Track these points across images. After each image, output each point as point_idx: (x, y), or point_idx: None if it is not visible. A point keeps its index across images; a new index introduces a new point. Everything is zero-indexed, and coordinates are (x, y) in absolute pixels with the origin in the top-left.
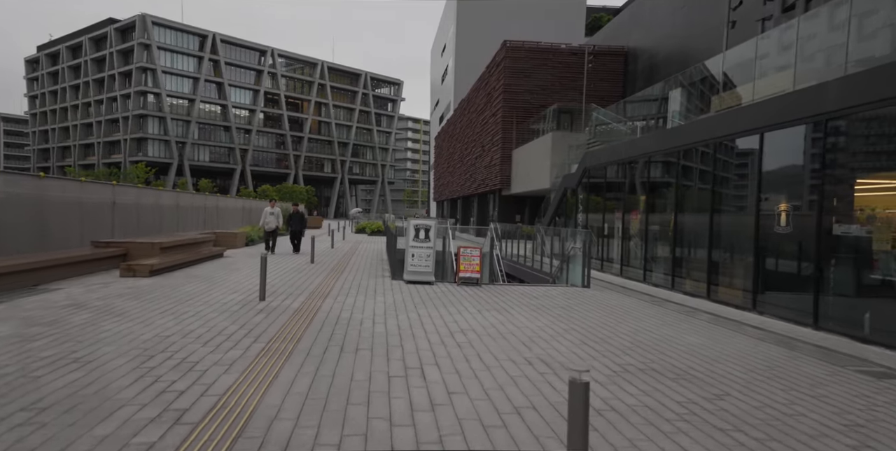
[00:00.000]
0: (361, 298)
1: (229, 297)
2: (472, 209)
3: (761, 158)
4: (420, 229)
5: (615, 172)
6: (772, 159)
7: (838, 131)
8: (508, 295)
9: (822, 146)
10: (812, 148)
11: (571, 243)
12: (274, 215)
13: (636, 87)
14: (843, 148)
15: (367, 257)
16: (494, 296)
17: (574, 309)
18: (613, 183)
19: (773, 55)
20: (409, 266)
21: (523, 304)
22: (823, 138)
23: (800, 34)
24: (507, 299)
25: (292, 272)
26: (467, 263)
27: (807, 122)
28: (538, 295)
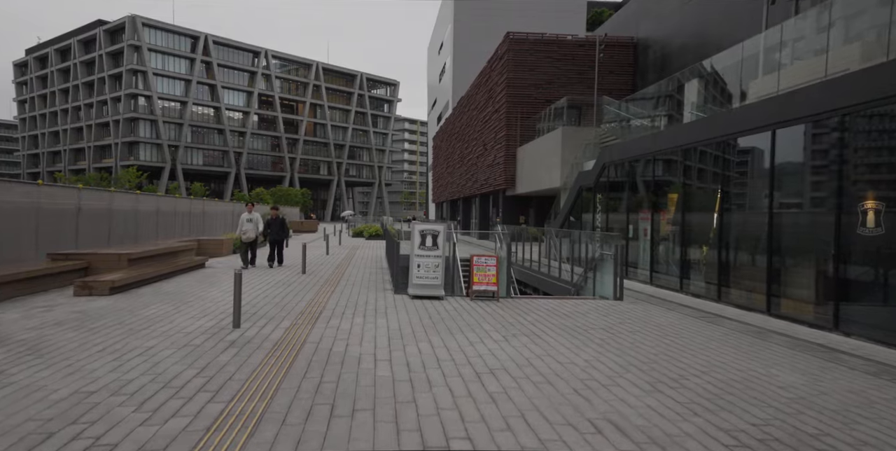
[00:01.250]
0: (359, 320)
1: (196, 323)
2: (472, 211)
3: (843, 144)
4: (427, 235)
5: (641, 167)
6: (859, 144)
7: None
8: (533, 313)
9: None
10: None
11: (598, 248)
12: (253, 222)
13: (647, 79)
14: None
15: (366, 266)
16: (517, 314)
17: (618, 332)
18: (639, 180)
19: (840, 27)
20: (414, 278)
21: (555, 325)
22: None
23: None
24: (533, 319)
25: (279, 287)
26: (482, 274)
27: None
28: (568, 312)
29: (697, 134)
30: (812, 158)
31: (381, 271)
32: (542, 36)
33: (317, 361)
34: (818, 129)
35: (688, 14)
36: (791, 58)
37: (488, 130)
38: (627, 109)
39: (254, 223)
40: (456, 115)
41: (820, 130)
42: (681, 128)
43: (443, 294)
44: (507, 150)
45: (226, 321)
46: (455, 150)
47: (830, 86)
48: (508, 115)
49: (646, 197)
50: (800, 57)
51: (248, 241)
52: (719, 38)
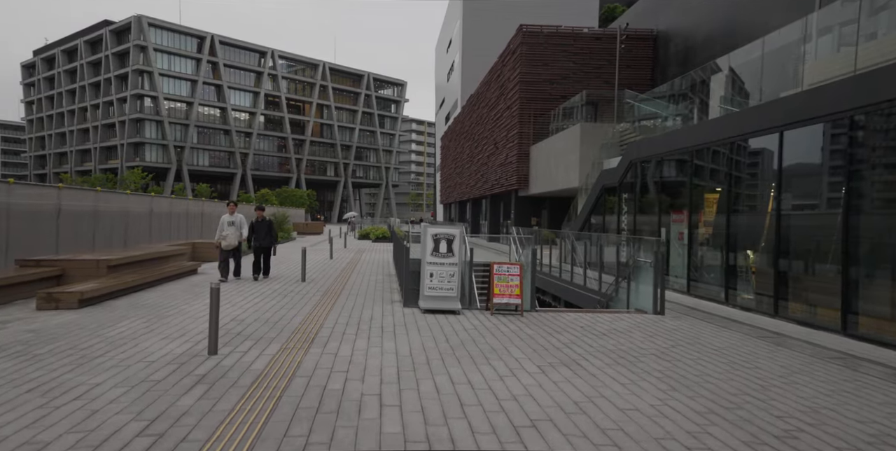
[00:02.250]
0: (362, 344)
1: (167, 347)
2: (482, 212)
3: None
4: (441, 239)
5: (676, 164)
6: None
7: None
8: (567, 332)
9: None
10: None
11: (634, 254)
12: (235, 226)
13: (668, 74)
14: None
15: (372, 272)
16: (548, 334)
17: (675, 359)
18: (673, 178)
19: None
20: (426, 289)
21: (596, 349)
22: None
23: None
24: (568, 340)
25: (273, 298)
26: (504, 284)
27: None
28: (606, 330)
29: (749, 124)
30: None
31: (388, 279)
32: (556, 29)
33: (305, 408)
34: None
35: (717, 3)
36: (868, 34)
37: (500, 128)
38: (655, 103)
39: (236, 227)
40: (465, 113)
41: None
42: (728, 119)
43: (459, 308)
44: (519, 148)
45: (202, 345)
46: (464, 149)
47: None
48: (521, 111)
49: (682, 197)
50: (876, 35)
51: (228, 248)
52: (750, 28)
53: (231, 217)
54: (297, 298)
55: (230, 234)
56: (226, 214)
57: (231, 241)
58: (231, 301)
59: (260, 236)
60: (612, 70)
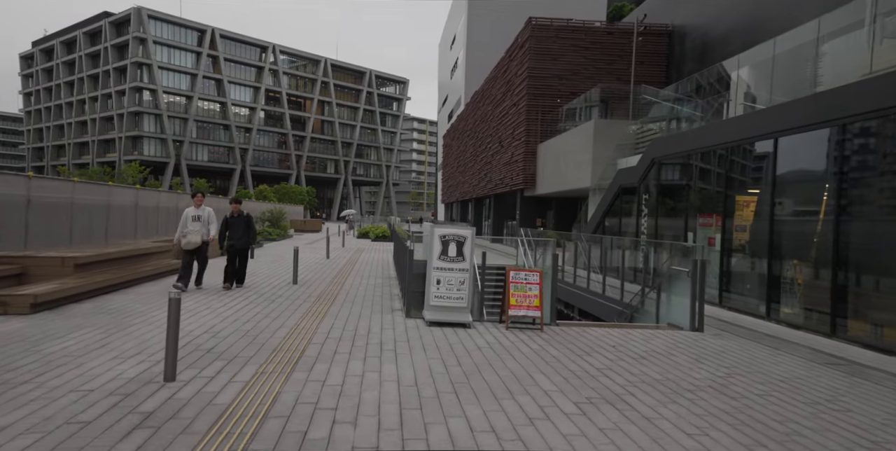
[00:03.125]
0: (358, 366)
1: (114, 370)
2: (485, 212)
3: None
4: (450, 241)
5: (707, 162)
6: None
7: None
8: (597, 352)
9: None
10: None
11: (666, 261)
12: (201, 222)
13: (683, 70)
14: None
15: (371, 274)
16: (576, 355)
17: (741, 394)
18: (703, 177)
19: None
20: (432, 298)
21: (639, 377)
22: None
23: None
24: (602, 365)
25: (259, 303)
26: (521, 294)
27: None
28: (643, 352)
29: (800, 116)
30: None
31: (388, 282)
32: (567, 22)
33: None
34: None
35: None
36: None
37: (505, 126)
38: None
39: (202, 223)
40: (469, 111)
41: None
42: (775, 111)
43: (470, 321)
44: (526, 146)
45: (158, 366)
46: (467, 148)
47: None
48: (529, 108)
49: (714, 198)
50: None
51: (189, 247)
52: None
53: (197, 211)
54: (286, 303)
55: (193, 231)
56: (190, 207)
57: (193, 238)
58: (210, 306)
59: (235, 235)
60: (624, 66)
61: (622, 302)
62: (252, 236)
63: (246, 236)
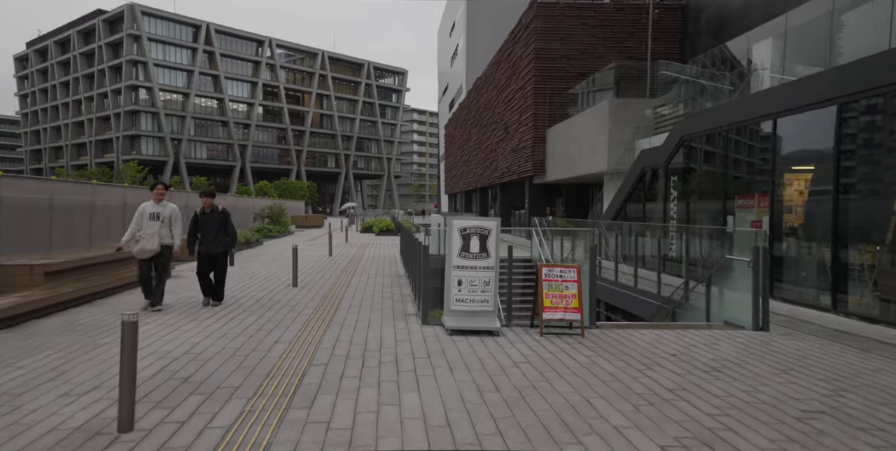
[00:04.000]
0: (370, 396)
1: (60, 414)
2: (490, 202)
3: None
4: (472, 235)
5: (749, 136)
6: None
7: None
8: (658, 365)
9: None
10: None
11: (718, 251)
12: (161, 221)
13: (699, 46)
14: None
15: (378, 271)
16: (635, 369)
17: (875, 425)
18: (743, 154)
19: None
20: (452, 302)
21: (726, 401)
22: None
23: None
24: (672, 383)
25: (253, 311)
26: (556, 294)
27: None
28: (713, 361)
29: (870, 78)
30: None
31: (397, 281)
32: (574, 0)
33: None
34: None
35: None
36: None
37: (511, 111)
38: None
39: (163, 223)
40: (471, 98)
41: None
42: (837, 73)
43: (498, 327)
44: (534, 131)
45: (111, 409)
46: (471, 136)
47: None
48: (536, 91)
49: (757, 177)
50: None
51: (146, 256)
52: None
53: (156, 207)
54: (285, 311)
55: (150, 234)
56: (148, 202)
57: (149, 245)
58: (195, 317)
59: (208, 238)
60: (636, 44)
61: (659, 296)
62: (231, 238)
63: (222, 237)
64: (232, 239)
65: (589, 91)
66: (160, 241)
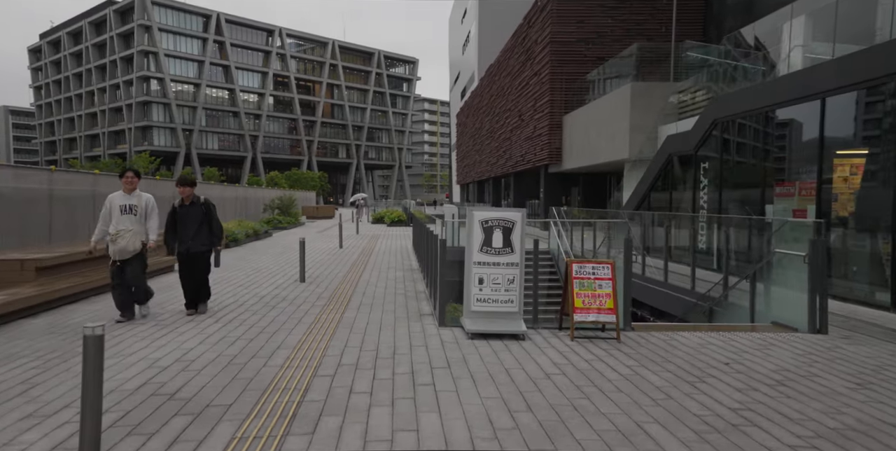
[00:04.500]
0: (384, 419)
1: (14, 444)
2: (504, 192)
3: None
4: (494, 228)
5: (792, 117)
6: None
7: None
8: (711, 377)
9: None
10: None
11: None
12: (135, 216)
13: (725, 27)
14: None
15: (390, 265)
16: (685, 382)
17: None
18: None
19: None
20: (473, 302)
21: (802, 425)
22: None
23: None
24: (731, 401)
25: (257, 310)
26: (589, 293)
27: None
28: (772, 372)
29: None
30: None
31: (411, 275)
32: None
33: None
34: None
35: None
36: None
37: (525, 98)
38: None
39: (137, 217)
40: (483, 86)
41: None
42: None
43: (524, 330)
44: (550, 118)
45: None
46: (483, 124)
47: None
48: (553, 76)
49: (800, 161)
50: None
51: (126, 257)
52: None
53: (127, 198)
54: (290, 310)
55: (125, 229)
56: (116, 193)
57: (126, 243)
58: (194, 318)
59: (188, 234)
60: (655, 26)
61: (694, 292)
62: (215, 234)
63: (205, 234)
64: (216, 236)
65: (607, 77)
66: (139, 239)
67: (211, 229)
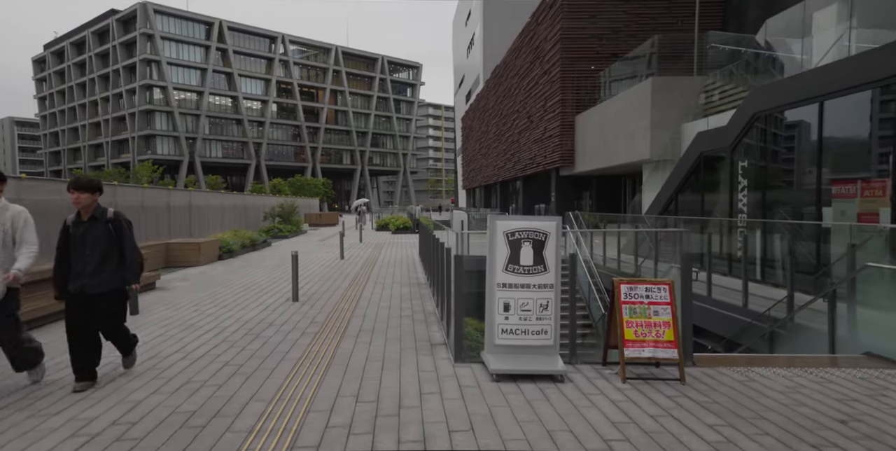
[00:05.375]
0: None
1: None
2: (512, 197)
3: None
4: (523, 240)
5: (849, 110)
6: None
7: None
8: (831, 444)
9: None
10: None
11: (836, 252)
12: (2, 240)
13: (747, 19)
14: None
15: (395, 279)
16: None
17: None
18: (844, 131)
19: None
20: (498, 334)
21: None
22: None
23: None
24: None
25: (237, 339)
26: (643, 322)
27: None
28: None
29: None
30: None
31: (418, 290)
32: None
33: None
34: None
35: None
36: None
37: (534, 98)
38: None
39: (3, 242)
40: (489, 88)
41: None
42: None
43: (562, 369)
44: (562, 119)
45: None
46: (490, 127)
47: None
48: (564, 74)
49: (868, 156)
50: None
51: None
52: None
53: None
54: (277, 339)
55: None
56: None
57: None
58: (158, 353)
59: (84, 265)
60: (672, 21)
61: (746, 310)
62: (131, 265)
63: (112, 266)
64: (132, 270)
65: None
66: (15, 272)
67: (123, 259)
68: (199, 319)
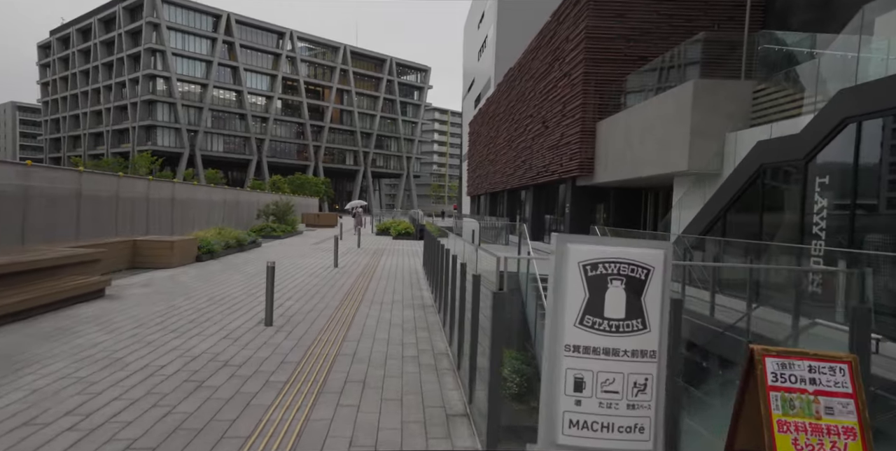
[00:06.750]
0: None
1: None
2: (519, 206)
3: None
4: (611, 278)
5: None
6: None
7: None
8: None
9: None
10: None
11: None
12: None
13: (792, 22)
14: None
15: (395, 298)
16: None
17: None
18: None
19: None
20: (563, 427)
21: None
22: None
23: None
24: None
25: (166, 391)
26: (807, 425)
27: None
28: None
29: None
30: None
31: (423, 315)
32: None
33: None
34: None
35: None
36: None
37: (552, 102)
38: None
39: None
40: (501, 92)
41: None
42: None
43: None
44: (582, 124)
45: None
46: (500, 133)
47: None
48: (586, 78)
49: None
50: None
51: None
52: None
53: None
54: (225, 394)
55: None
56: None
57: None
58: (76, 376)
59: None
60: (707, 23)
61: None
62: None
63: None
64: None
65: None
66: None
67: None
68: (131, 351)
